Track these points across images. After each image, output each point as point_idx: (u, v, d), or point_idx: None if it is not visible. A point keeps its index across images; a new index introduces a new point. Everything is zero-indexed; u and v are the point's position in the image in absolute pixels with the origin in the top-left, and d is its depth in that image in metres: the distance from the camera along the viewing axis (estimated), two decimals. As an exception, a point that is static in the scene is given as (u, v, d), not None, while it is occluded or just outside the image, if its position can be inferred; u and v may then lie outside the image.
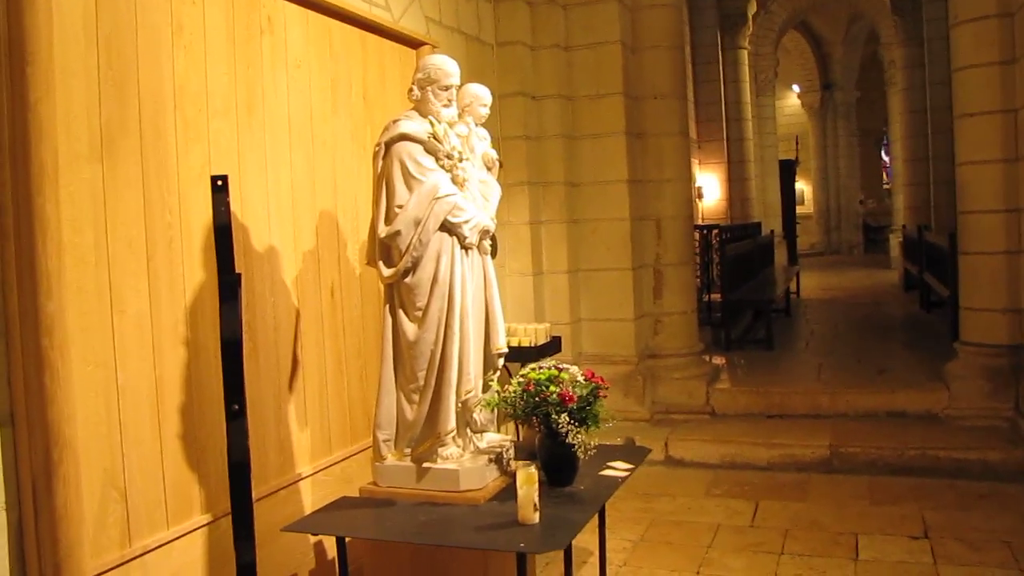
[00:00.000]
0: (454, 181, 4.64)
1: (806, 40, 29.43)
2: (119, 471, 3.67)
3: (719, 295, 12.07)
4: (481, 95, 5.11)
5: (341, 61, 5.50)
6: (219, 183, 3.48)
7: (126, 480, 3.70)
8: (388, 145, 4.59)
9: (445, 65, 4.70)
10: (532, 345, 6.94)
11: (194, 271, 4.13)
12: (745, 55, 20.60)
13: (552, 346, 7.20)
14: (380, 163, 4.62)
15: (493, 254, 4.94)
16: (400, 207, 4.51)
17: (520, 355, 6.53)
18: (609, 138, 8.72)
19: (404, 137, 4.56)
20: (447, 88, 4.68)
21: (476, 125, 5.11)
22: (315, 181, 5.21)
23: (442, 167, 4.62)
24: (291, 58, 5.02)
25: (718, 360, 10.38)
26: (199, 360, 4.12)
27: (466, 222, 4.61)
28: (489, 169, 5.08)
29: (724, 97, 19.38)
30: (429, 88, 4.67)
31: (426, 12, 6.80)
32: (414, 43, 6.31)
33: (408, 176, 4.54)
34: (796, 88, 30.48)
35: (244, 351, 3.60)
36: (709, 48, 18.81)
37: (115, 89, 3.75)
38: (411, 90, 4.73)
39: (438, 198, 4.51)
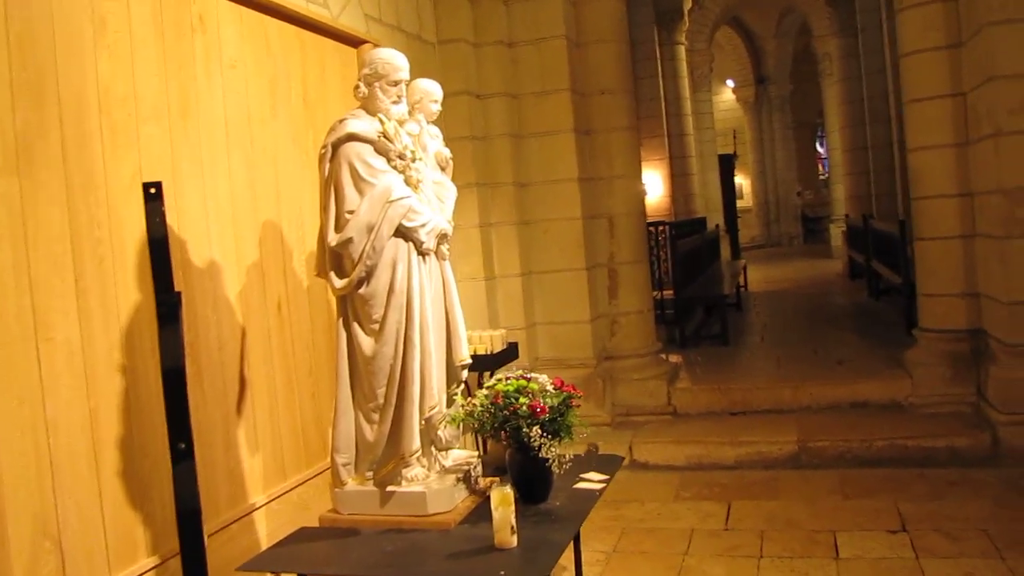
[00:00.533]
0: (407, 183, 4.35)
1: (739, 35, 29.56)
2: (52, 517, 3.30)
3: (671, 292, 11.88)
4: (431, 90, 4.83)
5: (279, 61, 5.16)
6: (152, 191, 3.15)
7: (60, 526, 3.33)
8: (335, 146, 4.27)
9: (394, 59, 4.40)
10: (489, 353, 6.66)
11: (129, 291, 3.78)
12: (682, 50, 20.52)
13: (509, 353, 6.92)
14: (327, 166, 4.31)
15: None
16: (351, 213, 4.20)
17: (477, 363, 6.24)
18: (557, 136, 8.46)
19: (352, 137, 4.25)
20: (396, 83, 4.38)
21: (427, 123, 4.81)
22: (256, 189, 4.87)
23: (394, 168, 4.32)
24: (226, 58, 4.68)
25: (675, 359, 10.19)
26: (138, 388, 3.77)
27: (422, 226, 4.32)
28: (443, 169, 4.79)
29: (664, 93, 19.27)
30: (377, 84, 4.37)
31: (365, 10, 6.48)
32: (355, 41, 6.00)
33: (358, 179, 4.23)
34: (731, 83, 30.60)
35: (187, 376, 3.26)
36: (646, 44, 18.68)
37: (31, 93, 3.39)
38: (357, 87, 4.42)
39: (391, 201, 4.21)
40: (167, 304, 3.07)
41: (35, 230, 3.34)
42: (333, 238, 4.25)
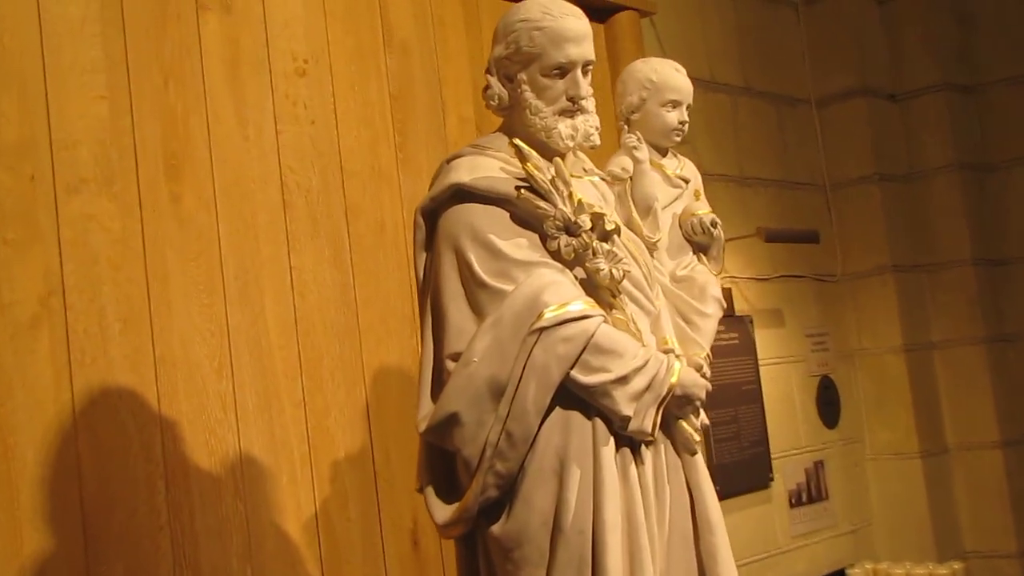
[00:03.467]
0: (592, 288, 1.96)
1: None
2: None
3: None
4: (672, 81, 2.34)
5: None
6: None
7: None
8: (431, 214, 1.99)
9: (563, 20, 2.03)
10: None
11: None
12: None
13: None
14: (422, 256, 2.03)
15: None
16: (454, 357, 1.90)
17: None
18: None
19: (460, 194, 1.94)
20: (561, 68, 2.00)
21: (663, 154, 2.36)
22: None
23: (557, 255, 1.94)
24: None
25: None
26: None
27: (619, 380, 1.88)
28: (703, 251, 2.30)
29: None
30: (524, 73, 2.02)
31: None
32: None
33: (472, 283, 1.94)
34: None
35: None
36: None
37: None
38: (487, 87, 2.09)
39: (541, 328, 1.82)
40: None
41: None
42: (422, 416, 1.95)
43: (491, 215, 2.00)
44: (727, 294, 4.31)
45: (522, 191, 1.98)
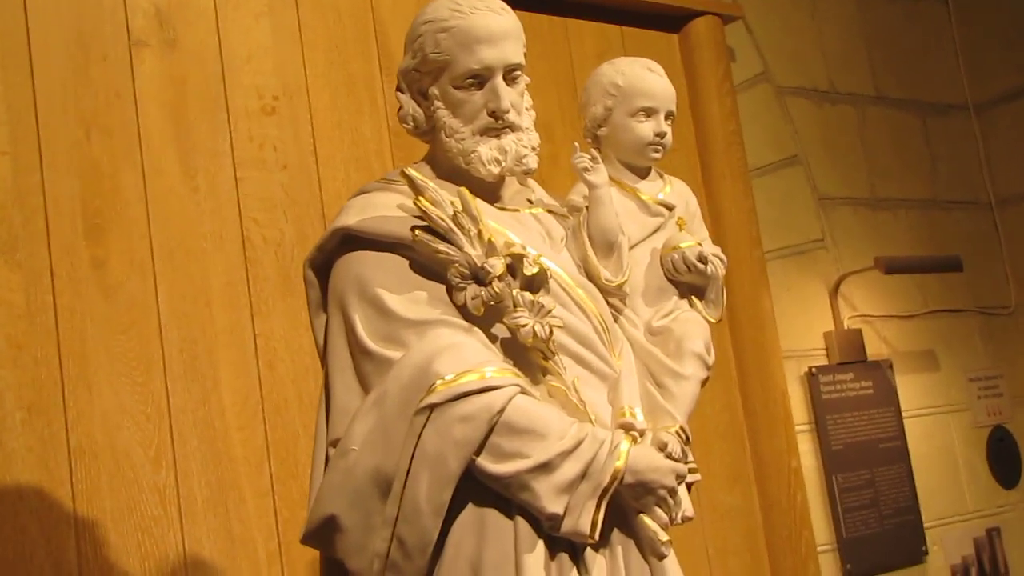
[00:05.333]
0: (516, 348, 1.51)
1: None
2: None
3: None
4: (642, 84, 1.85)
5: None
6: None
7: None
8: (325, 267, 1.60)
9: (473, 17, 1.61)
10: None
11: None
12: None
13: None
14: (319, 319, 1.64)
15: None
16: (335, 443, 1.49)
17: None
18: None
19: (348, 239, 1.54)
20: (477, 77, 1.59)
21: (643, 175, 1.87)
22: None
23: (466, 309, 1.50)
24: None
25: None
26: None
27: (542, 467, 1.42)
28: (697, 294, 1.80)
29: None
30: (436, 86, 1.62)
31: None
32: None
33: (357, 350, 1.50)
34: None
35: None
36: None
37: None
38: (399, 107, 1.70)
39: (432, 404, 1.39)
40: None
41: None
42: (308, 522, 1.53)
43: (384, 264, 1.57)
44: (854, 337, 3.67)
45: (417, 232, 1.54)
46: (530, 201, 1.75)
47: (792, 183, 3.59)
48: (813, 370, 3.53)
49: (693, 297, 1.77)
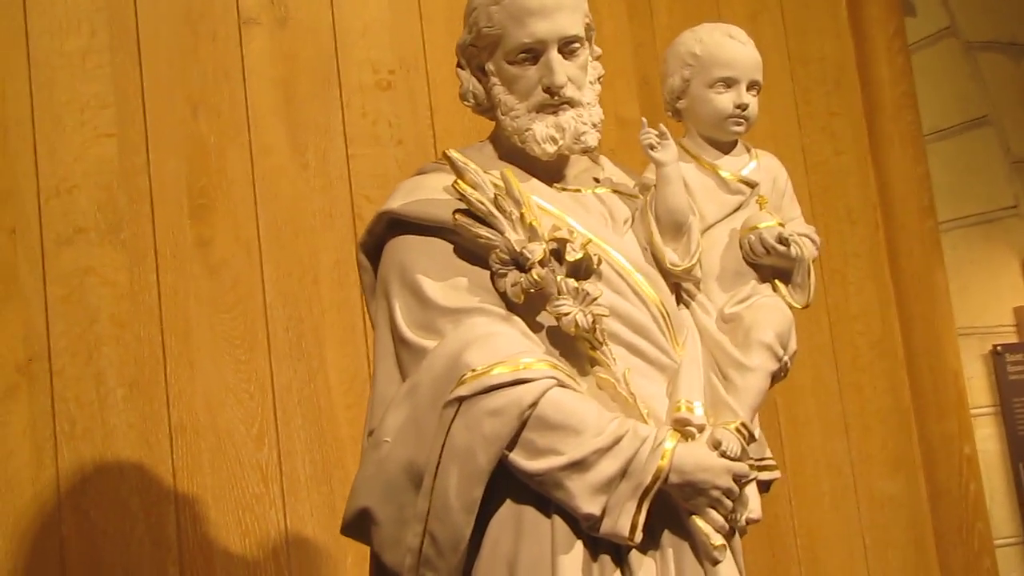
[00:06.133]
0: (563, 338, 1.39)
1: None
2: None
3: None
4: (721, 53, 1.65)
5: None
6: None
7: None
8: (377, 251, 1.53)
9: None
10: None
11: None
12: None
13: None
14: (373, 304, 1.58)
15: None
16: (371, 435, 1.44)
17: None
18: None
19: (394, 224, 1.47)
20: (530, 51, 1.52)
21: (726, 151, 1.67)
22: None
23: (510, 296, 1.40)
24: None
25: None
26: None
27: (577, 465, 1.32)
28: (782, 277, 1.60)
29: None
30: (491, 62, 1.53)
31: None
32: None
33: (396, 339, 1.45)
34: None
35: None
36: None
37: None
38: (460, 83, 1.59)
39: (461, 397, 1.32)
40: None
41: None
42: (345, 514, 1.48)
43: (428, 249, 1.48)
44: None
45: (457, 216, 1.44)
46: (597, 180, 1.61)
47: (979, 146, 3.20)
48: (999, 348, 3.15)
49: (777, 281, 1.57)
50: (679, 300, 1.56)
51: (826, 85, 3.10)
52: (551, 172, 1.57)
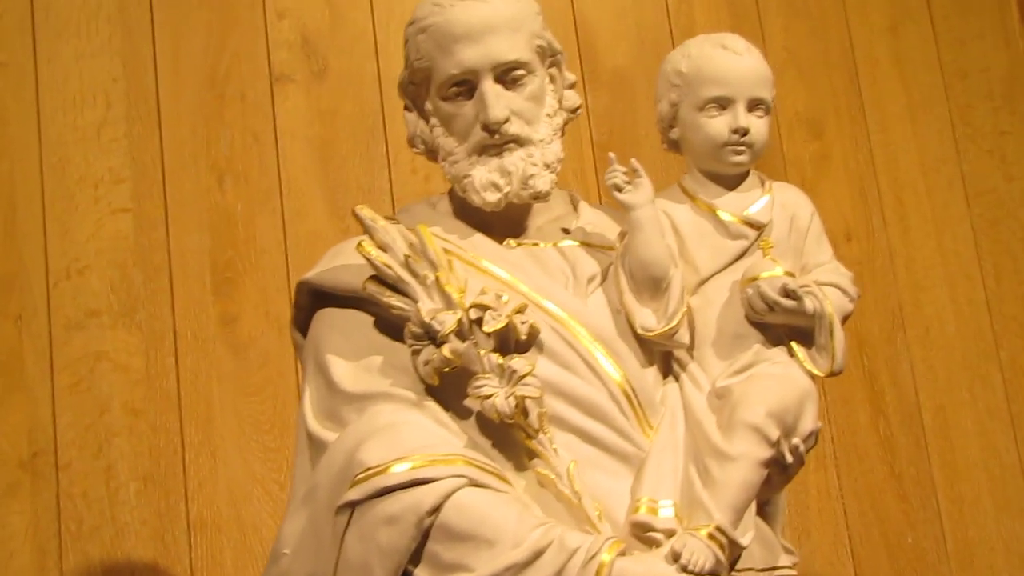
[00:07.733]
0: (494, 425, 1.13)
1: None
2: None
3: None
4: (711, 67, 1.31)
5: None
6: None
7: None
8: (304, 324, 1.33)
9: (452, 11, 1.29)
10: None
11: None
12: None
13: None
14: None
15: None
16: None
17: None
18: None
19: (315, 294, 1.27)
20: (464, 84, 1.31)
21: (731, 186, 1.32)
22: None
23: (422, 376, 1.14)
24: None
25: None
26: None
27: None
28: (800, 339, 1.24)
29: None
30: (429, 100, 1.33)
31: None
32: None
33: (305, 431, 1.23)
34: None
35: None
36: None
37: None
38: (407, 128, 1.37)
39: (353, 502, 1.17)
40: None
41: None
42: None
43: (344, 324, 1.25)
44: None
45: (367, 283, 1.17)
46: (566, 231, 1.30)
47: None
48: None
49: (794, 344, 1.19)
50: (668, 372, 1.22)
51: (993, 100, 2.61)
52: (510, 225, 1.30)
